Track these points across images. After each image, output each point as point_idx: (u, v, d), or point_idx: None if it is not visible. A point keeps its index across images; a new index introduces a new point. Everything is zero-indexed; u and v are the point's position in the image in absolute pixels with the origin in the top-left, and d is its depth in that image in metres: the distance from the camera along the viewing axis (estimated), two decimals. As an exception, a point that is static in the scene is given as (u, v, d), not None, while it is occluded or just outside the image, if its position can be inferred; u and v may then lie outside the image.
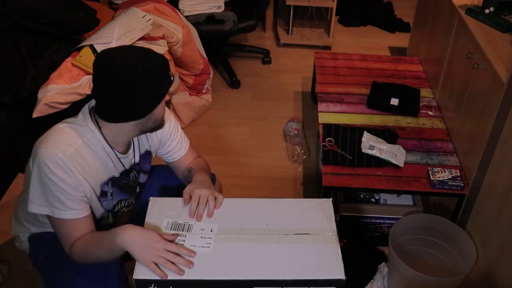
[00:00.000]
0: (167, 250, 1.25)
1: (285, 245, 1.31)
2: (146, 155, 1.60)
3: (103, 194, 1.47)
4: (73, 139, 1.35)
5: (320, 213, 1.41)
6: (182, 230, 1.34)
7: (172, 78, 1.39)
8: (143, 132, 1.45)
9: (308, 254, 1.29)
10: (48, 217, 1.39)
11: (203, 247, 1.30)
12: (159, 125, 1.46)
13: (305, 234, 1.34)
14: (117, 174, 1.49)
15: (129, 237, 1.27)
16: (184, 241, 1.32)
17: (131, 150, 1.51)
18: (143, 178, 1.63)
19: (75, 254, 1.38)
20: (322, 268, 1.25)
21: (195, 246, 1.30)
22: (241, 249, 1.30)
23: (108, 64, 1.29)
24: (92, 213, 1.44)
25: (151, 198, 1.45)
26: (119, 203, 1.57)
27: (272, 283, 1.24)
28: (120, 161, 1.47)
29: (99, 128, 1.39)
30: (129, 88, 1.30)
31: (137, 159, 1.55)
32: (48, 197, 1.34)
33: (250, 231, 1.35)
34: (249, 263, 1.27)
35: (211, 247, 1.30)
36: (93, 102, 1.43)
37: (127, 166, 1.52)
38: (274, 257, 1.28)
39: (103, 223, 1.56)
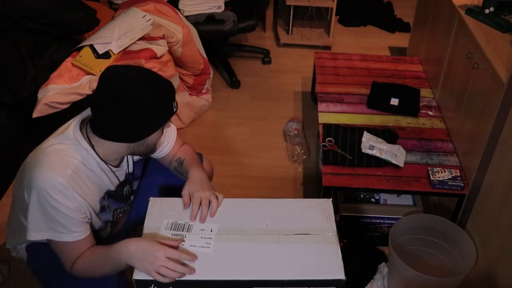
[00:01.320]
0: (169, 258, 1.23)
1: (285, 245, 1.31)
2: (139, 162, 1.59)
3: (102, 209, 1.46)
4: (68, 159, 1.32)
5: (320, 213, 1.41)
6: (182, 230, 1.34)
7: (175, 109, 1.36)
8: (134, 154, 1.43)
9: (308, 254, 1.29)
10: (48, 239, 1.36)
11: (203, 247, 1.30)
12: (151, 151, 1.44)
13: (305, 234, 1.34)
14: (112, 188, 1.47)
15: (131, 252, 1.26)
16: (184, 241, 1.32)
17: (124, 162, 1.49)
18: (135, 185, 1.62)
19: (77, 271, 1.36)
20: (322, 268, 1.25)
21: (195, 246, 1.30)
22: (241, 249, 1.30)
23: (117, 86, 1.27)
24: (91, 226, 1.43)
25: (151, 198, 1.45)
26: (115, 212, 1.56)
27: (272, 283, 1.24)
28: (115, 175, 1.45)
29: (92, 146, 1.36)
30: (128, 114, 1.28)
31: (131, 169, 1.54)
32: (49, 223, 1.31)
33: (250, 231, 1.35)
34: (249, 263, 1.27)
35: (211, 247, 1.30)
36: (84, 115, 1.40)
37: (122, 179, 1.50)
38: (274, 257, 1.28)
39: (102, 233, 1.56)
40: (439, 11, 2.60)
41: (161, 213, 1.40)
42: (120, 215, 1.61)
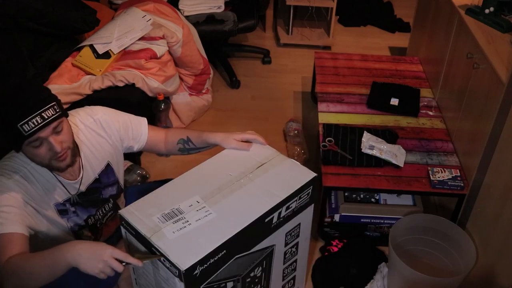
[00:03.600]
0: (115, 258, 1.22)
1: (258, 179, 1.47)
2: (107, 169, 1.60)
3: (63, 212, 1.49)
4: (20, 163, 1.39)
5: (260, 147, 1.62)
6: (176, 216, 1.34)
7: (27, 133, 1.29)
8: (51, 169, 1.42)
9: (278, 175, 1.48)
10: None
11: (207, 216, 1.34)
12: (55, 167, 1.40)
13: (263, 165, 1.52)
14: (65, 197, 1.50)
15: (77, 251, 1.24)
16: (187, 222, 1.32)
17: (81, 175, 1.51)
18: (111, 191, 1.62)
19: (7, 272, 1.30)
20: (297, 178, 1.48)
21: (199, 219, 1.33)
22: (232, 200, 1.39)
23: None
24: (67, 229, 1.47)
25: (119, 212, 1.37)
26: (90, 218, 1.58)
27: (276, 208, 1.40)
28: (64, 187, 1.47)
29: None
30: None
31: (90, 180, 1.55)
32: None
33: (225, 185, 1.45)
34: (248, 206, 1.38)
35: (213, 212, 1.35)
36: None
37: (74, 191, 1.51)
38: (260, 191, 1.43)
39: (83, 237, 1.58)
40: (439, 11, 2.60)
41: (143, 216, 1.35)
42: (102, 222, 1.64)
